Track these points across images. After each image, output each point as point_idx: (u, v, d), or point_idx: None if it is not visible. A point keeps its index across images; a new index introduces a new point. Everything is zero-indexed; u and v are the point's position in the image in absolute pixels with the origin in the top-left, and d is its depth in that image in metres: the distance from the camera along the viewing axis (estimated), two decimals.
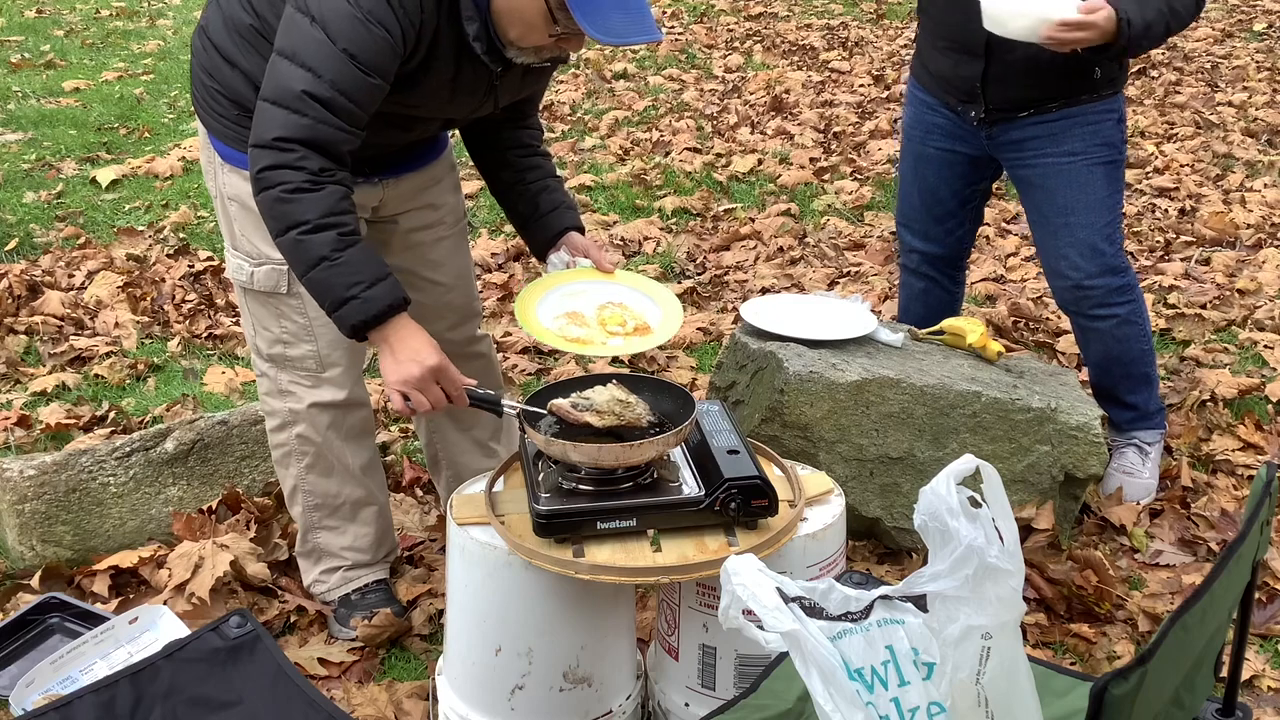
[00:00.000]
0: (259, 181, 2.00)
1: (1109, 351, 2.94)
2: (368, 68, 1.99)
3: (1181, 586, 2.66)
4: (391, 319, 2.05)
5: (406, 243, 2.48)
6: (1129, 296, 2.89)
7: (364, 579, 2.54)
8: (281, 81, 1.99)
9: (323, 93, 1.97)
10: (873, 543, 2.80)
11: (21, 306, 4.08)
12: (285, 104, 1.98)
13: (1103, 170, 2.81)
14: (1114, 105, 2.82)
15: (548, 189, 2.44)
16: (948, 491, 1.31)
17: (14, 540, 2.70)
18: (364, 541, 2.54)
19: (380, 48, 1.99)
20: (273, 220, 2.01)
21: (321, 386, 2.39)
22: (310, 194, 1.98)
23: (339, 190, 2.01)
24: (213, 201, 2.42)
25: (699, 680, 2.07)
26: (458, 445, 2.75)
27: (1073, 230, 2.82)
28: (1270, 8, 9.21)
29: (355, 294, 2.00)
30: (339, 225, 2.00)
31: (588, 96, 7.17)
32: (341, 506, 2.50)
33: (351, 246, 2.01)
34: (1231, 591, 1.35)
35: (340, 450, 2.45)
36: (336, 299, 2.01)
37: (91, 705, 1.66)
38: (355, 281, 2.00)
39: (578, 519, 1.90)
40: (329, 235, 1.99)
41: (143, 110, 6.61)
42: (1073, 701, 1.62)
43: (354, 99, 2.00)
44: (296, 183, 1.97)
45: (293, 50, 2.00)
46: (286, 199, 1.98)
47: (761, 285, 4.35)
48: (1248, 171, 5.62)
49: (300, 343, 2.35)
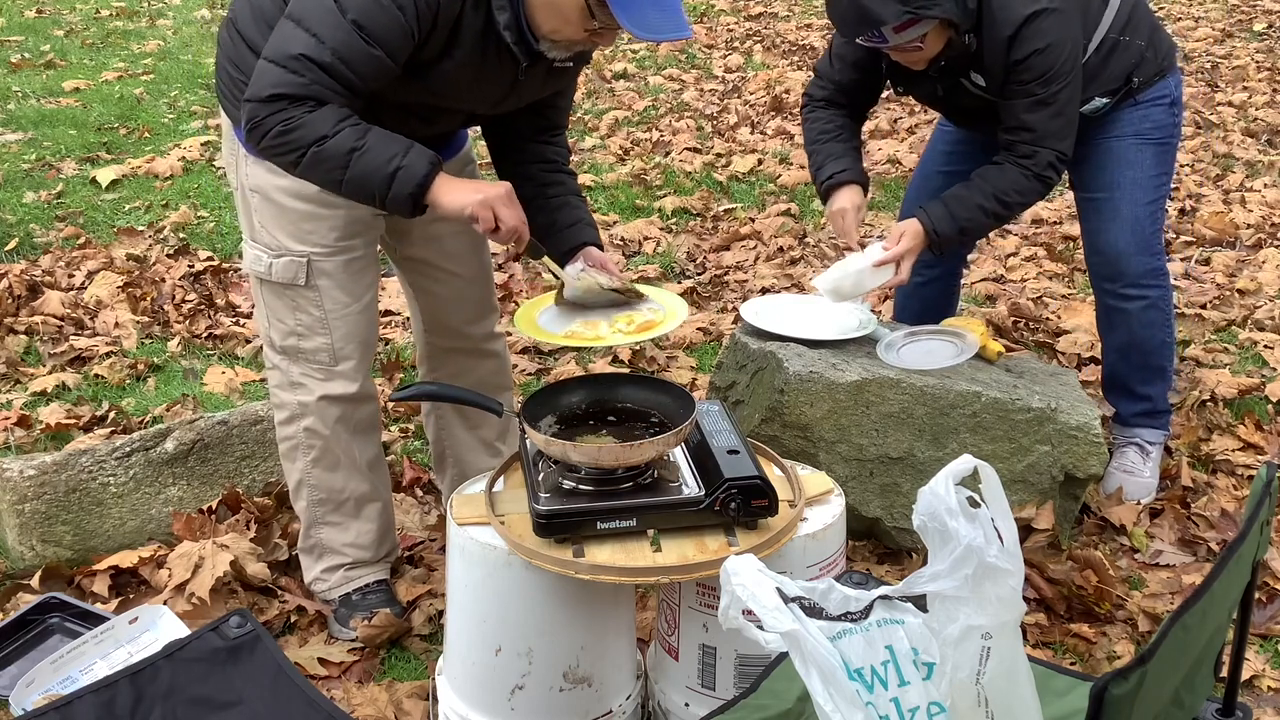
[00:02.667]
0: (256, 129, 2.03)
1: (1133, 336, 2.94)
2: (373, 40, 2.01)
3: (1181, 586, 2.66)
4: (438, 176, 2.08)
5: (426, 234, 2.49)
6: (1161, 282, 2.91)
7: (365, 578, 2.54)
8: (283, 42, 2.03)
9: (322, 58, 2.00)
10: (873, 543, 2.80)
11: (21, 306, 4.08)
12: (282, 63, 2.01)
13: (1152, 150, 2.83)
14: (1164, 90, 2.83)
15: (568, 205, 2.44)
16: (946, 492, 1.31)
17: (14, 540, 2.70)
18: (366, 538, 2.54)
19: (390, 23, 2.01)
20: (284, 154, 2.04)
21: (333, 379, 2.39)
22: (311, 115, 2.01)
23: (334, 106, 2.04)
24: (234, 195, 2.42)
25: (699, 680, 2.07)
26: (465, 443, 2.76)
27: (1116, 205, 2.83)
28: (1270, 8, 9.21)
29: (398, 164, 2.03)
30: (350, 122, 2.03)
31: (588, 96, 7.17)
32: (346, 502, 2.51)
33: (369, 132, 2.03)
34: (1231, 591, 1.35)
35: (348, 444, 2.45)
36: (383, 178, 2.03)
37: (91, 705, 1.65)
38: (391, 155, 2.04)
39: (578, 519, 1.90)
40: (345, 133, 2.01)
41: (143, 110, 6.61)
42: (1073, 701, 1.62)
43: (353, 68, 2.03)
44: (295, 116, 2.01)
45: (301, 14, 2.03)
46: (290, 128, 2.01)
47: (761, 285, 4.35)
48: (1248, 171, 5.62)
49: (315, 335, 2.36)
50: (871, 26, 2.50)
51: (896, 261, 2.72)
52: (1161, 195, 2.88)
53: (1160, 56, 2.81)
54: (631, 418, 2.13)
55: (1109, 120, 2.82)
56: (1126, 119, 2.81)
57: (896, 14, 2.45)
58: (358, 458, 2.48)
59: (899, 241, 2.70)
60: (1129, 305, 2.90)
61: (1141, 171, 2.82)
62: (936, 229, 2.69)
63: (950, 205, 2.70)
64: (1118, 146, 2.82)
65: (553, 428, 2.07)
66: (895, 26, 2.48)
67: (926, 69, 2.67)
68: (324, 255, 2.30)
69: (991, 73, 2.62)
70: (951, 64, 2.65)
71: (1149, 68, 2.78)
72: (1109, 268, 2.89)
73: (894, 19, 2.46)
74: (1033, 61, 2.56)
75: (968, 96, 2.73)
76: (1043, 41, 2.54)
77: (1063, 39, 2.56)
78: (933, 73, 2.69)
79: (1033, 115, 2.61)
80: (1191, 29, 8.66)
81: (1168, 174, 2.89)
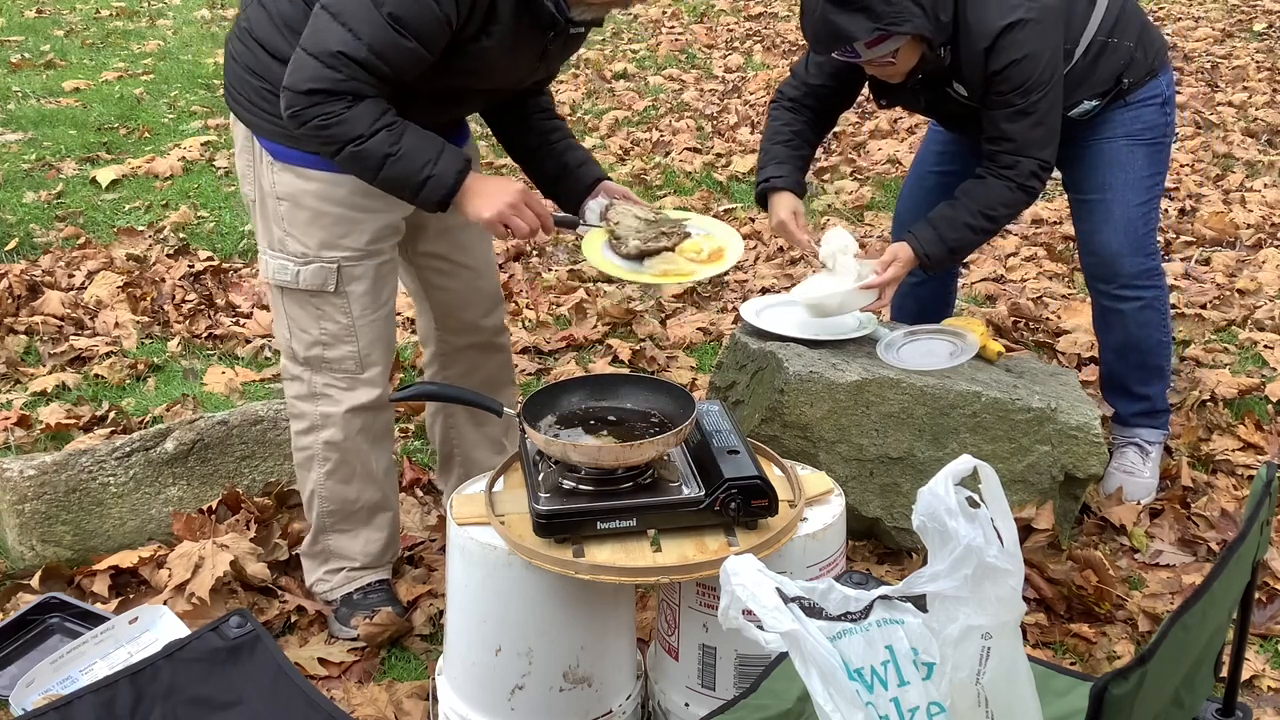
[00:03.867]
0: (295, 117, 2.09)
1: (1129, 337, 2.94)
2: (409, 33, 2.04)
3: (1181, 586, 2.66)
4: (466, 179, 2.16)
5: (441, 227, 2.50)
6: (1156, 282, 2.90)
7: (367, 579, 2.55)
8: (321, 36, 2.07)
9: (359, 54, 2.04)
10: (873, 543, 2.80)
11: (21, 306, 4.08)
12: (321, 59, 2.05)
13: (1144, 150, 2.82)
14: (1155, 90, 2.82)
15: (571, 147, 2.52)
16: (946, 492, 1.31)
17: (14, 540, 2.70)
18: (375, 546, 2.55)
19: (426, 16, 2.04)
20: (323, 145, 2.12)
21: (358, 388, 2.40)
22: (351, 110, 2.07)
23: (372, 100, 2.10)
24: (251, 205, 2.39)
25: (699, 680, 2.07)
26: (473, 440, 2.77)
27: (1109, 206, 2.83)
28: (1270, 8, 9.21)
29: (429, 173, 2.12)
30: (387, 124, 2.10)
31: (588, 96, 7.17)
32: (358, 512, 2.52)
33: (404, 135, 2.11)
34: (1231, 591, 1.35)
35: (366, 454, 2.46)
36: (415, 184, 2.13)
37: (91, 705, 1.65)
38: (424, 162, 2.12)
39: (578, 519, 1.90)
40: (381, 136, 2.09)
41: (143, 110, 6.61)
42: (1073, 701, 1.62)
43: (390, 62, 2.07)
44: (335, 111, 2.07)
45: (339, 7, 2.05)
46: (328, 124, 2.08)
47: (761, 285, 4.35)
48: (1248, 171, 5.62)
49: (340, 344, 2.36)
50: (843, 43, 2.50)
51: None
52: (1154, 195, 2.88)
53: (1150, 57, 2.80)
54: (631, 418, 2.13)
55: (1099, 122, 2.81)
56: (1117, 120, 2.81)
57: (867, 30, 2.45)
58: (374, 467, 2.49)
59: (889, 268, 2.69)
60: (1124, 306, 2.90)
61: (1133, 172, 2.82)
62: (927, 252, 2.68)
63: (938, 227, 2.69)
64: (1109, 148, 2.82)
65: (554, 428, 2.07)
66: (867, 42, 2.48)
67: (905, 82, 2.67)
68: (355, 260, 2.31)
69: (972, 83, 2.62)
70: (931, 76, 2.65)
71: (1139, 69, 2.77)
72: (1103, 269, 2.89)
73: (865, 35, 2.46)
74: (1010, 72, 2.55)
75: (953, 104, 2.73)
76: (1020, 52, 2.53)
77: (1040, 49, 2.55)
78: (913, 85, 2.68)
79: (1013, 125, 2.60)
80: (1191, 29, 8.65)
81: (1160, 174, 2.89)
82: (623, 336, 3.99)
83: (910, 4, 2.44)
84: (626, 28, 9.17)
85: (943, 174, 3.01)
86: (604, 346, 3.93)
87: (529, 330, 4.05)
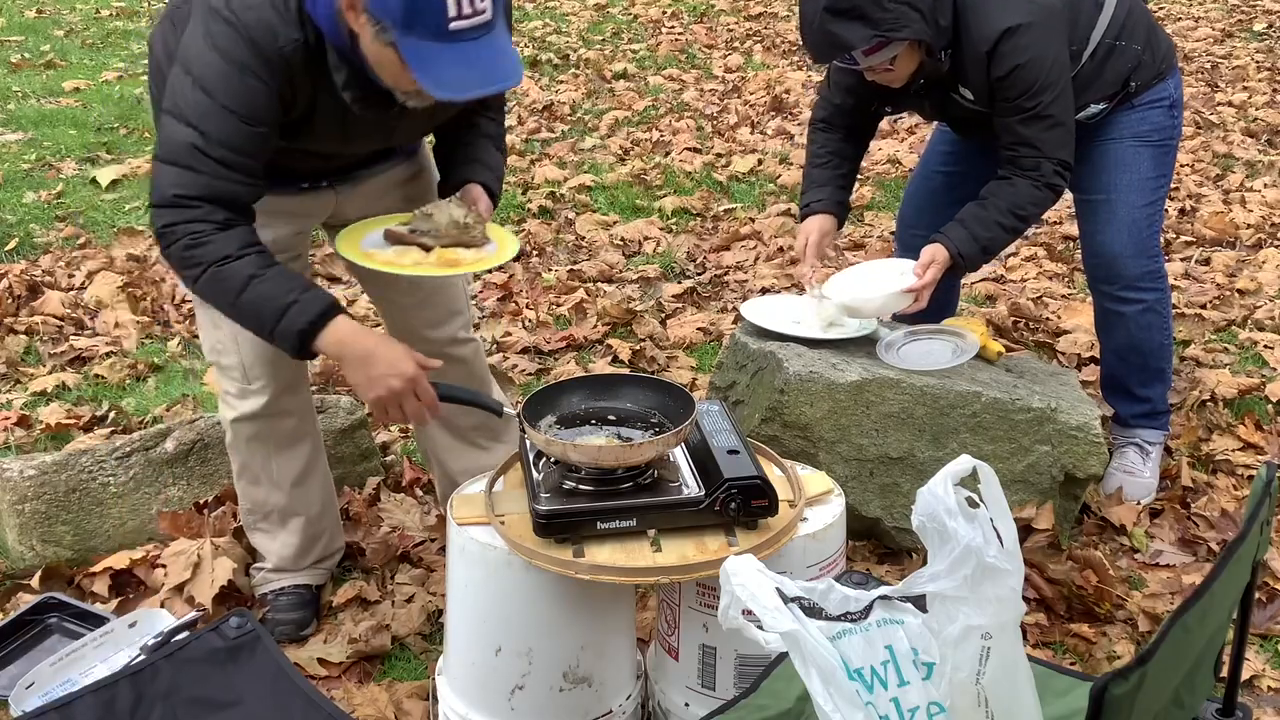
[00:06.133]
0: (165, 236, 2.01)
1: (1131, 339, 2.94)
2: (249, 119, 1.99)
3: (1181, 586, 2.66)
4: (335, 319, 2.03)
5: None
6: (1158, 284, 2.90)
7: (281, 582, 2.58)
8: (172, 140, 2.00)
9: (212, 151, 1.98)
10: (873, 543, 2.80)
11: (21, 306, 4.08)
12: (180, 162, 1.99)
13: (1150, 152, 2.81)
14: (1162, 92, 2.81)
15: (473, 145, 2.36)
16: (945, 492, 1.31)
17: (14, 540, 2.70)
18: (289, 550, 2.57)
19: (256, 97, 1.99)
20: (188, 268, 2.01)
21: (247, 398, 2.40)
22: (221, 233, 2.00)
23: (247, 229, 2.03)
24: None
25: (699, 680, 2.07)
26: (437, 440, 2.71)
27: (1113, 208, 2.82)
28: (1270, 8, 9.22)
29: (294, 298, 2.01)
30: (258, 250, 2.02)
31: (588, 96, 7.17)
32: (271, 514, 2.55)
33: (273, 265, 2.02)
34: (1231, 591, 1.35)
35: (264, 462, 2.48)
36: (277, 308, 2.00)
37: (91, 705, 1.65)
38: (290, 288, 2.02)
39: (578, 519, 1.90)
40: (250, 258, 2.00)
41: (143, 110, 6.60)
42: (1073, 701, 1.62)
43: (243, 151, 2.01)
44: (205, 231, 1.99)
45: (178, 109, 2.01)
46: (197, 243, 1.99)
47: (761, 285, 4.35)
48: (1248, 171, 5.62)
49: (229, 353, 2.37)
50: (841, 51, 2.49)
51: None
52: (1159, 197, 2.87)
53: (1158, 59, 2.80)
54: (631, 418, 2.13)
55: (1106, 123, 2.81)
56: (1124, 121, 2.80)
57: (865, 38, 2.44)
58: (275, 474, 2.50)
59: (927, 270, 2.66)
60: (1126, 308, 2.89)
61: (1138, 174, 2.81)
62: (961, 252, 2.66)
63: (970, 226, 2.67)
64: (1115, 149, 2.81)
65: (553, 428, 2.07)
66: (865, 50, 2.47)
67: (908, 88, 2.66)
68: None
69: (976, 88, 2.62)
70: (934, 81, 2.65)
71: (1147, 71, 2.77)
72: (1105, 270, 2.88)
73: (862, 43, 2.45)
74: (1015, 78, 2.54)
75: (959, 108, 2.72)
76: (1022, 57, 2.52)
77: (1042, 53, 2.54)
78: (917, 90, 2.68)
79: (1028, 129, 2.60)
80: (1191, 29, 8.66)
81: (1166, 176, 2.88)
82: (623, 336, 3.99)
83: (908, 9, 2.43)
84: (626, 28, 9.17)
85: (949, 174, 3.01)
86: (604, 346, 3.93)
87: (529, 330, 4.05)
